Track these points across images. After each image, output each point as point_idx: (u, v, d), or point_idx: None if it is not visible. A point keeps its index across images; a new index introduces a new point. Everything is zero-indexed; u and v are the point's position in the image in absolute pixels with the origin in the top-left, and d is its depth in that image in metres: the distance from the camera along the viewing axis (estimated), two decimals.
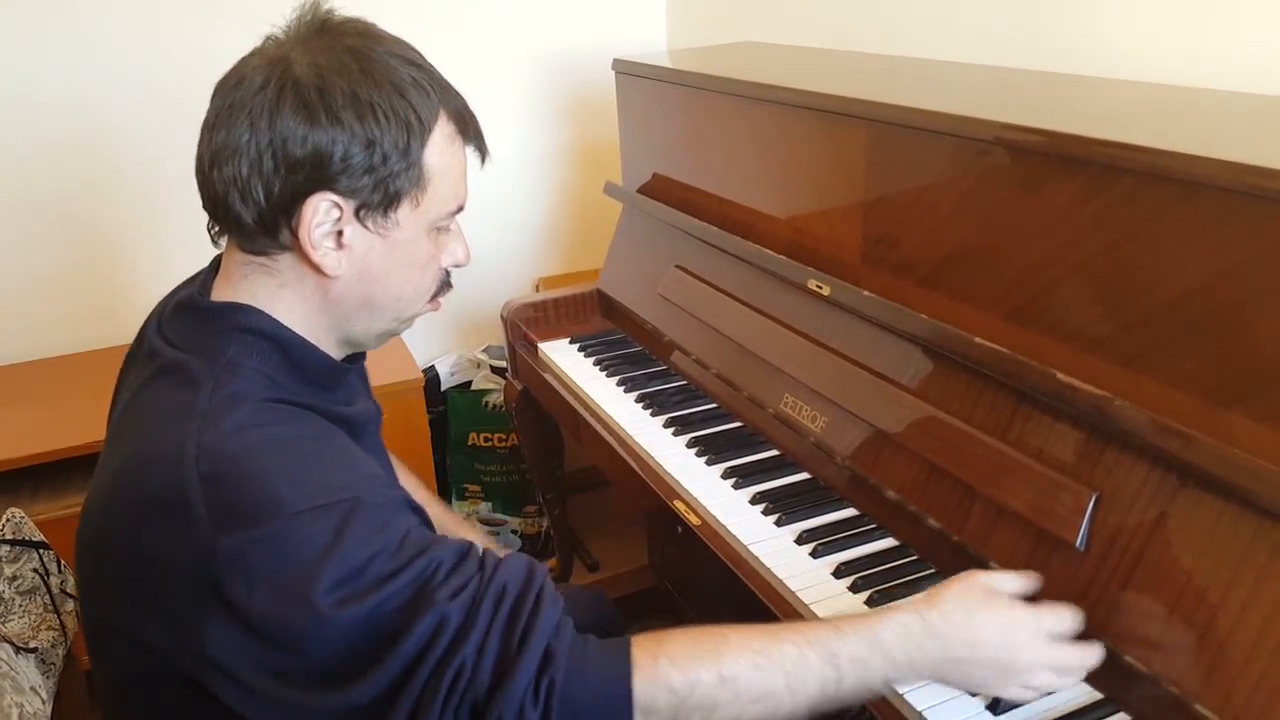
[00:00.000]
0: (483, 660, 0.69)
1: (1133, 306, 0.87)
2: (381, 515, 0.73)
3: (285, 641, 0.69)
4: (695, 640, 0.73)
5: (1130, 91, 1.15)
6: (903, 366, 1.11)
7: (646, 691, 0.70)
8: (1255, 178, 0.75)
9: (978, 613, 0.79)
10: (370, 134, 0.75)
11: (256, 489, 0.70)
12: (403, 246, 0.81)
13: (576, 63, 2.24)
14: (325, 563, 0.69)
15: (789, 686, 0.72)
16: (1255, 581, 0.75)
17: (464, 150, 0.84)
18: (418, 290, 0.85)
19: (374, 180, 0.76)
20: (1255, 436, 0.78)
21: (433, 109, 0.79)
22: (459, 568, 0.73)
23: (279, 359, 0.80)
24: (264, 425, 0.74)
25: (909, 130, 1.09)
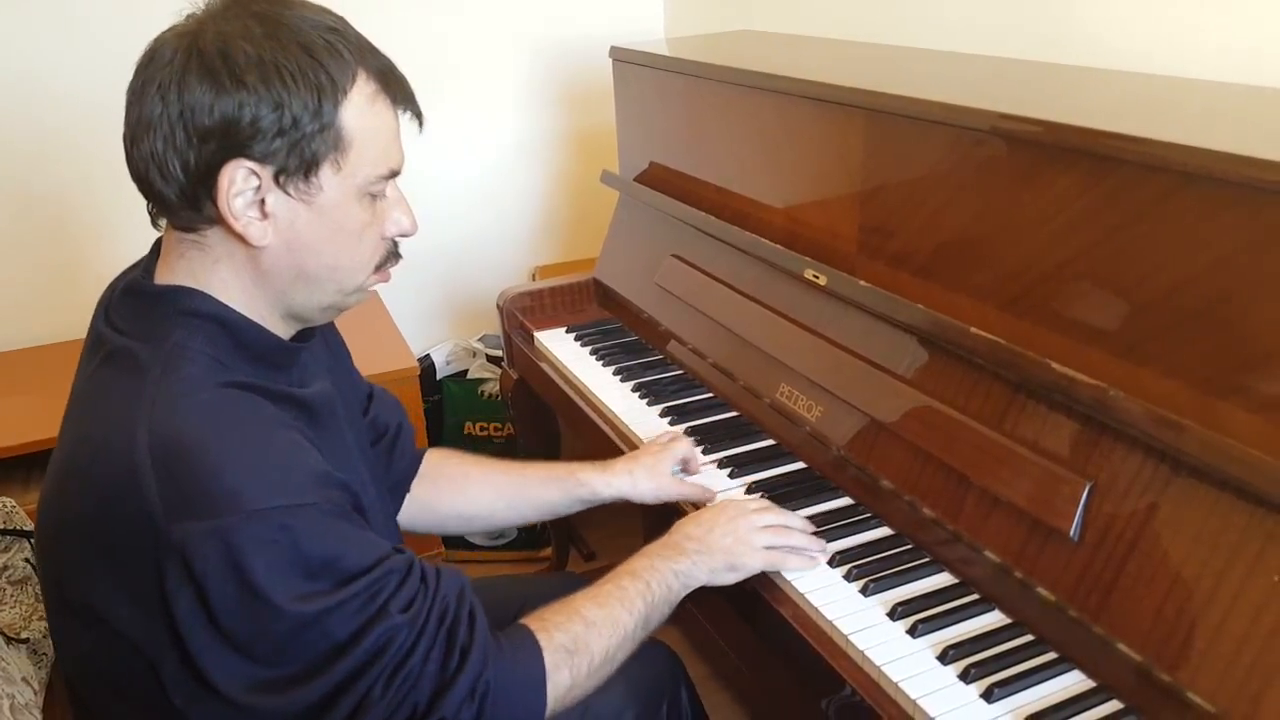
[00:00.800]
0: (427, 669, 0.76)
1: (1128, 297, 0.87)
2: (333, 522, 0.74)
3: (234, 631, 0.70)
4: (559, 610, 0.89)
5: (1127, 82, 1.15)
6: (899, 356, 1.11)
7: (550, 659, 0.84)
8: (1251, 169, 0.75)
9: (704, 518, 1.03)
10: (277, 96, 0.73)
11: (211, 479, 0.70)
12: (330, 213, 0.79)
13: (574, 50, 2.24)
14: (278, 563, 0.70)
15: (623, 606, 0.91)
16: (1248, 570, 0.75)
17: (392, 112, 0.82)
18: (355, 260, 0.83)
19: (287, 144, 0.75)
20: (1249, 427, 0.78)
21: (347, 69, 0.77)
22: (406, 581, 0.78)
23: (225, 340, 0.79)
24: (216, 412, 0.74)
25: (906, 120, 1.09)
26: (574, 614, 0.88)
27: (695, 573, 0.98)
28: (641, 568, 0.96)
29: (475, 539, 2.19)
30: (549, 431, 1.91)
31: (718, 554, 0.99)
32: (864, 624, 0.94)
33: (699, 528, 1.01)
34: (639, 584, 0.93)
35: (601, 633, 0.88)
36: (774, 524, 1.03)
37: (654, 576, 0.95)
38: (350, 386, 1.04)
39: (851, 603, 0.97)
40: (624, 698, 1.07)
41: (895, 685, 0.87)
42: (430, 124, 2.53)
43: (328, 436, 0.87)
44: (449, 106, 2.17)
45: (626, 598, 0.92)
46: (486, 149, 2.25)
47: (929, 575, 1.00)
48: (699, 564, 0.98)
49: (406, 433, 1.15)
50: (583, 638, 0.86)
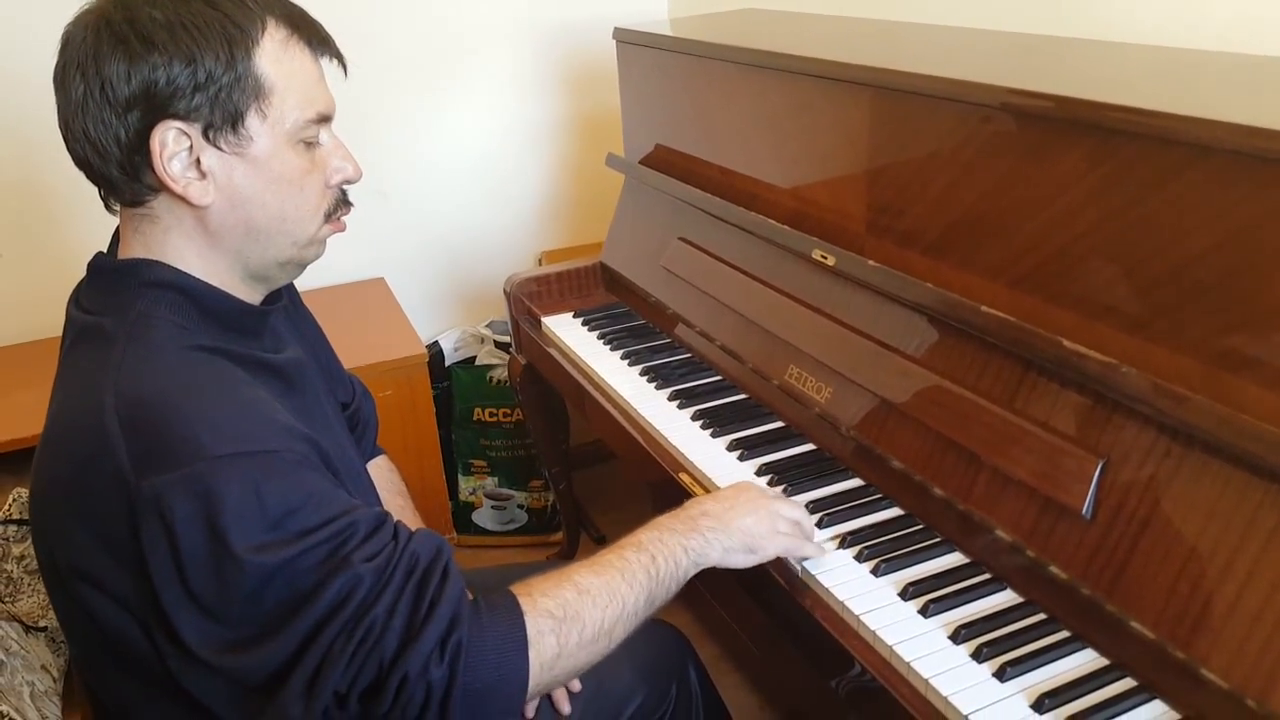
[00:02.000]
0: (391, 622, 0.74)
1: (1139, 272, 0.86)
2: (297, 471, 0.74)
3: (202, 590, 0.70)
4: (549, 577, 0.84)
5: (1136, 55, 1.14)
6: (908, 336, 1.10)
7: (534, 624, 0.79)
8: (1263, 140, 0.74)
9: (724, 496, 0.99)
10: (188, 52, 0.74)
11: (174, 432, 0.71)
12: (267, 163, 0.80)
13: (578, 32, 2.22)
14: (243, 510, 0.70)
15: (623, 578, 0.86)
16: (1262, 546, 0.75)
17: (310, 55, 0.82)
18: (301, 209, 0.83)
19: (207, 99, 0.76)
20: (1262, 402, 0.77)
21: (254, 16, 0.78)
22: (375, 534, 0.76)
23: (190, 308, 0.80)
24: (181, 371, 0.76)
25: (913, 96, 1.08)
26: (565, 580, 0.83)
27: (708, 551, 0.92)
28: (649, 539, 0.90)
29: (485, 523, 2.20)
30: (557, 416, 1.91)
31: (735, 534, 0.94)
32: (875, 604, 0.94)
33: (718, 504, 0.96)
34: (643, 556, 0.88)
35: (596, 601, 0.83)
36: (793, 518, 0.99)
37: (661, 550, 0.89)
38: (326, 371, 1.06)
39: (863, 583, 0.97)
40: (633, 678, 1.08)
41: (907, 665, 0.87)
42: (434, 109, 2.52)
43: (303, 402, 0.88)
44: (453, 91, 2.16)
45: (628, 569, 0.86)
46: (491, 133, 2.24)
47: (940, 555, 1.00)
48: (713, 542, 0.92)
49: (373, 431, 1.19)
50: (573, 605, 0.81)
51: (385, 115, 2.10)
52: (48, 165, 1.88)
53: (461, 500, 2.18)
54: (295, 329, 1.01)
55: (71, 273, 0.89)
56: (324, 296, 2.12)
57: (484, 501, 2.19)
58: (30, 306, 1.95)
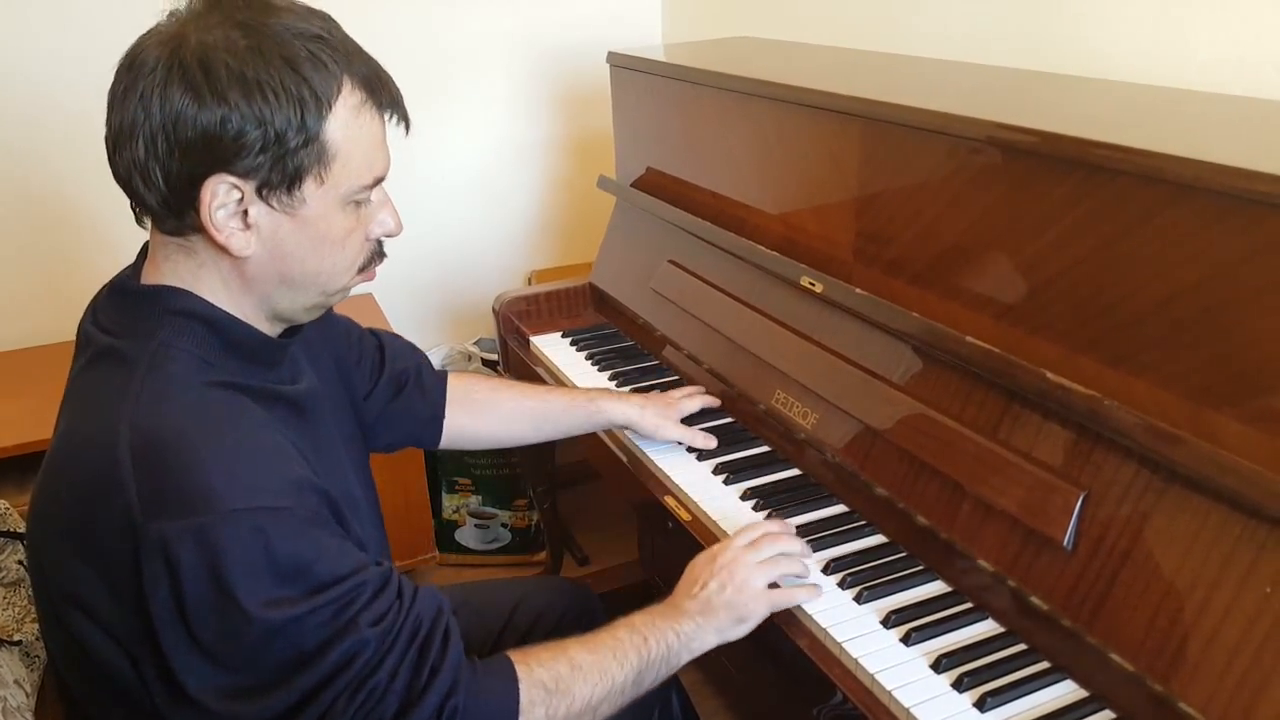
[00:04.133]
0: (393, 685, 0.75)
1: (1123, 307, 0.88)
2: (308, 529, 0.74)
3: (204, 636, 0.70)
4: (547, 648, 0.86)
5: (1123, 93, 1.16)
6: (894, 364, 1.11)
7: (527, 693, 0.81)
8: (1245, 181, 0.75)
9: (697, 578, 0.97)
10: (260, 113, 0.73)
11: (189, 478, 0.70)
12: (314, 223, 0.79)
13: (571, 54, 2.24)
14: (252, 565, 0.69)
15: (614, 658, 0.87)
16: (1240, 581, 0.75)
17: (379, 118, 0.82)
18: (338, 266, 0.83)
19: (271, 159, 0.74)
20: (1242, 438, 0.78)
21: (332, 81, 0.76)
22: (381, 594, 0.77)
23: (212, 340, 0.79)
24: (199, 411, 0.74)
25: (903, 128, 1.09)
26: (560, 654, 0.86)
27: (703, 635, 0.93)
28: (641, 622, 0.92)
29: (468, 542, 2.19)
30: None
31: (721, 611, 0.94)
32: (857, 632, 0.94)
33: (694, 587, 0.96)
34: (636, 638, 0.90)
35: (587, 679, 0.85)
36: (768, 557, 0.98)
37: (653, 633, 0.91)
38: (335, 376, 1.03)
39: (845, 610, 0.97)
40: None
41: (888, 693, 0.87)
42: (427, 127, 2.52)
43: (313, 433, 0.87)
44: (446, 110, 2.17)
45: (620, 649, 0.88)
46: (483, 153, 2.25)
47: (922, 583, 1.00)
48: (704, 626, 0.93)
49: (427, 369, 1.20)
50: (566, 679, 0.84)
51: None
52: (57, 172, 1.87)
53: (445, 518, 2.17)
54: (313, 350, 0.99)
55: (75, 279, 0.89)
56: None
57: (467, 520, 2.18)
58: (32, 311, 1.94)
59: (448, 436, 1.20)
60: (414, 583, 0.82)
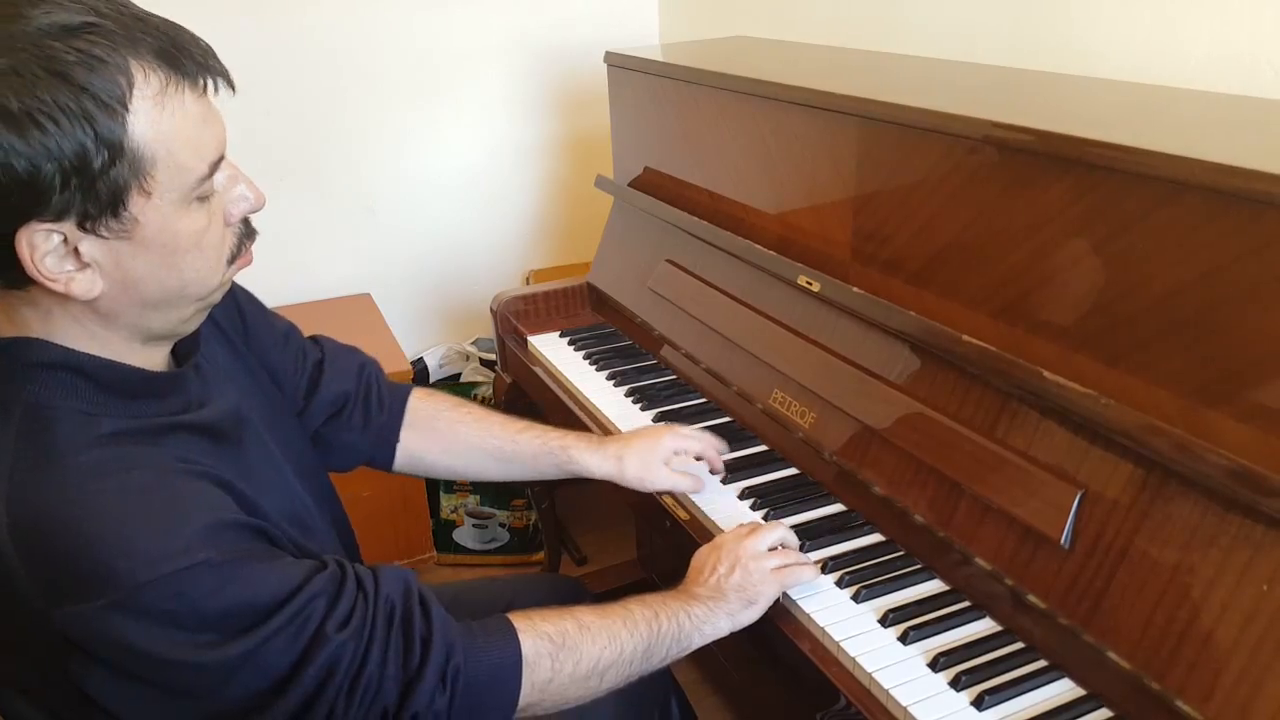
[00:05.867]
0: (387, 672, 0.74)
1: (1119, 306, 0.88)
2: (234, 570, 0.68)
3: (166, 687, 0.68)
4: (553, 610, 0.85)
5: (1119, 92, 1.16)
6: (891, 363, 1.11)
7: (530, 645, 0.80)
8: (1241, 179, 0.76)
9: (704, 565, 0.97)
10: (44, 147, 0.61)
11: (86, 562, 0.64)
12: (158, 238, 0.68)
13: (568, 54, 2.24)
14: (182, 624, 0.66)
15: (625, 625, 0.87)
16: (1237, 579, 0.75)
17: (192, 92, 0.68)
18: (201, 271, 0.73)
19: (79, 190, 0.63)
20: (1239, 436, 0.78)
21: (118, 76, 0.63)
22: (339, 597, 0.74)
23: (86, 387, 0.70)
24: (84, 480, 0.66)
25: (899, 127, 1.09)
26: (567, 615, 0.85)
27: (715, 620, 0.92)
28: (652, 599, 0.92)
29: (466, 542, 2.19)
30: None
31: (731, 595, 0.94)
32: (855, 630, 0.94)
33: (703, 574, 0.96)
34: (647, 611, 0.89)
35: (596, 639, 0.84)
36: (774, 543, 1.00)
37: (664, 610, 0.90)
38: (270, 384, 0.97)
39: (843, 609, 0.97)
40: (614, 708, 1.07)
41: (886, 692, 0.87)
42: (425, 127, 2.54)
43: (236, 455, 0.80)
44: (443, 110, 2.17)
45: (631, 618, 0.87)
46: (481, 152, 2.25)
47: (920, 582, 1.01)
48: (715, 611, 0.93)
49: (377, 386, 1.10)
50: (573, 635, 0.83)
51: (375, 132, 2.10)
52: None
53: (443, 518, 2.17)
54: (231, 355, 0.91)
55: None
56: (310, 311, 2.12)
57: (465, 520, 2.18)
58: None
59: (405, 463, 1.11)
60: (370, 569, 0.79)
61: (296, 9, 1.96)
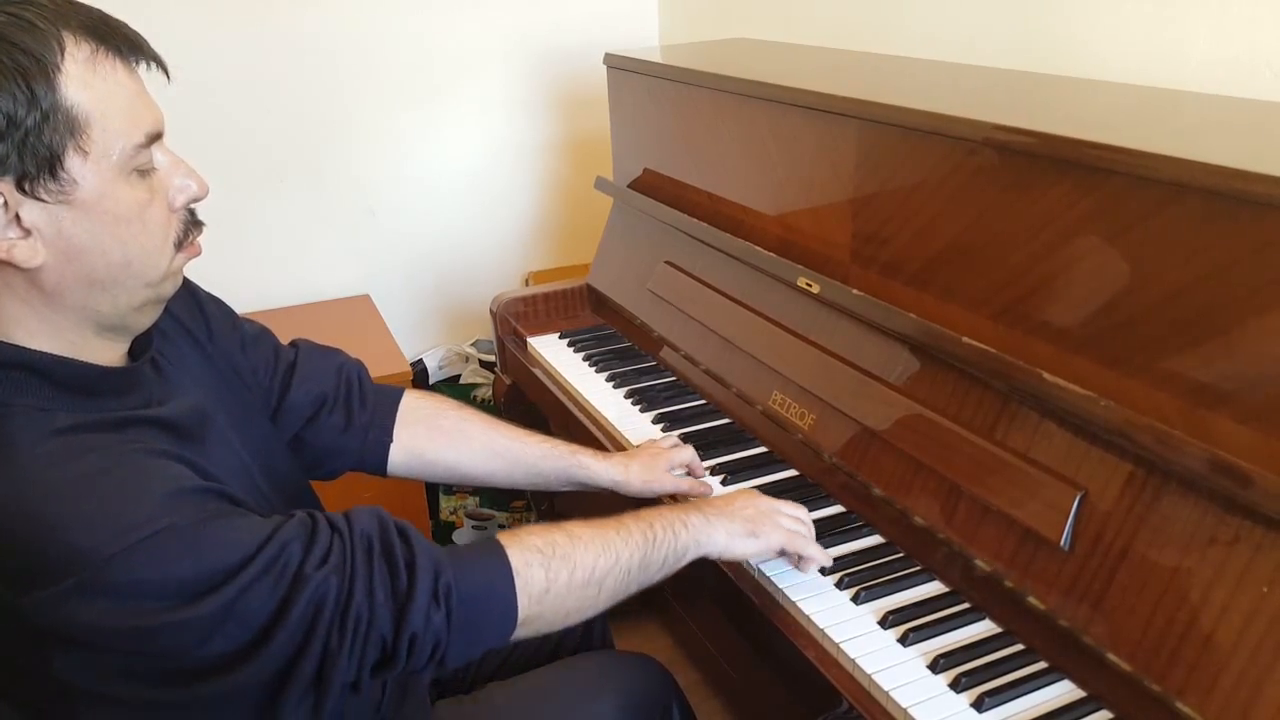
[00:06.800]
0: (376, 600, 0.74)
1: (1119, 308, 0.88)
2: (200, 531, 0.69)
3: (151, 653, 0.68)
4: (541, 524, 0.86)
5: (1118, 94, 1.16)
6: (891, 365, 1.11)
7: (519, 556, 0.81)
8: (1240, 182, 0.76)
9: (723, 496, 1.03)
10: None
11: (51, 546, 0.64)
12: (98, 204, 0.69)
13: (568, 56, 2.24)
14: (156, 591, 0.66)
15: (618, 534, 0.87)
16: (1237, 581, 0.75)
17: (124, 67, 0.71)
18: (147, 247, 0.73)
19: (14, 147, 0.65)
20: (1238, 437, 0.78)
21: (49, 38, 0.66)
22: (314, 540, 0.74)
23: (40, 385, 0.71)
24: (44, 471, 0.67)
25: (899, 129, 1.09)
26: (556, 527, 0.85)
27: (712, 533, 0.94)
28: (648, 512, 0.93)
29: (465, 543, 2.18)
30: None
31: (738, 518, 0.96)
32: (855, 632, 0.94)
33: (721, 500, 1.00)
34: (641, 524, 0.90)
35: (589, 548, 0.84)
36: (794, 514, 1.02)
37: (659, 520, 0.91)
38: (239, 384, 0.96)
39: (843, 611, 0.97)
40: (615, 711, 1.07)
41: (886, 694, 0.87)
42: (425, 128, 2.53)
43: (202, 450, 0.80)
44: (443, 111, 2.17)
45: (624, 528, 0.88)
46: (481, 153, 2.25)
47: (920, 584, 1.01)
48: (716, 524, 0.94)
49: (359, 386, 1.09)
50: (563, 546, 0.83)
51: (375, 133, 2.10)
52: None
53: (442, 520, 2.17)
54: (196, 354, 0.91)
55: None
56: (308, 313, 2.12)
57: (465, 521, 2.18)
58: None
59: (403, 462, 1.10)
60: (342, 512, 0.79)
61: (297, 10, 1.97)
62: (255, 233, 2.07)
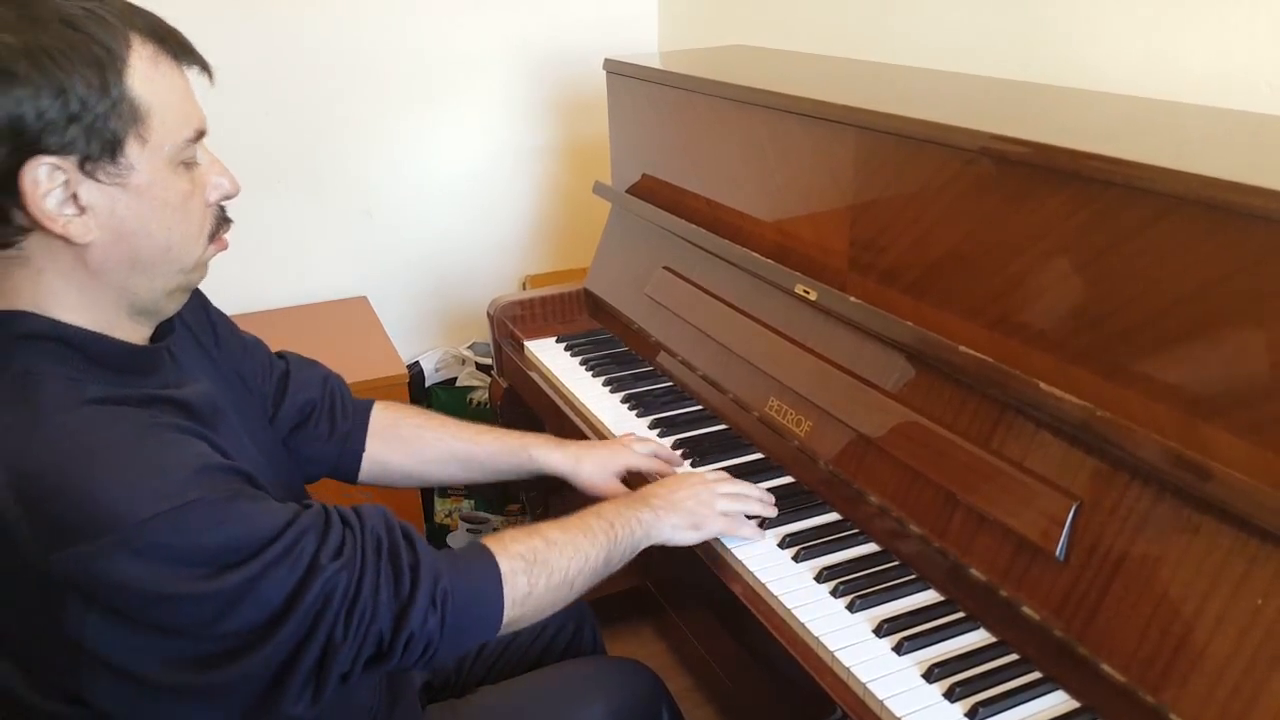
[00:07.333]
0: (380, 598, 0.77)
1: (1116, 318, 0.88)
2: (226, 508, 0.72)
3: (163, 628, 0.70)
4: (521, 529, 0.92)
5: (1117, 105, 1.16)
6: (888, 373, 1.11)
7: (507, 565, 0.86)
8: (1237, 194, 0.76)
9: (669, 481, 1.10)
10: (56, 82, 0.68)
11: (88, 504, 0.67)
12: (149, 191, 0.75)
13: (567, 60, 2.24)
14: (183, 559, 0.69)
15: (585, 536, 0.95)
16: (1232, 593, 0.75)
17: (178, 69, 0.77)
18: (186, 235, 0.79)
19: (83, 129, 0.70)
20: (1234, 450, 0.78)
21: (118, 33, 0.72)
22: (328, 531, 0.78)
23: (73, 357, 0.75)
24: (76, 433, 0.70)
25: (897, 138, 1.10)
26: (534, 533, 0.91)
27: (659, 526, 1.02)
28: (606, 509, 1.00)
29: None
30: None
31: (682, 512, 1.04)
32: (849, 640, 0.94)
33: (663, 488, 1.07)
34: (602, 522, 0.97)
35: (563, 552, 0.91)
36: (733, 492, 1.10)
37: (618, 518, 0.99)
38: (243, 389, 0.99)
39: (837, 619, 0.97)
40: (605, 716, 1.07)
41: (880, 702, 0.87)
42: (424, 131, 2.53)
43: (217, 437, 0.82)
44: (442, 115, 2.17)
45: (589, 530, 0.95)
46: (479, 157, 2.25)
47: (915, 592, 1.01)
48: (662, 518, 1.03)
49: (340, 397, 1.13)
50: (542, 552, 0.90)
51: (373, 135, 2.10)
52: None
53: (437, 523, 2.17)
54: (204, 358, 0.94)
55: None
56: (305, 314, 2.11)
57: (460, 525, 2.17)
58: None
59: (368, 470, 1.14)
60: (351, 507, 0.83)
61: (296, 13, 1.97)
62: (253, 234, 2.06)
